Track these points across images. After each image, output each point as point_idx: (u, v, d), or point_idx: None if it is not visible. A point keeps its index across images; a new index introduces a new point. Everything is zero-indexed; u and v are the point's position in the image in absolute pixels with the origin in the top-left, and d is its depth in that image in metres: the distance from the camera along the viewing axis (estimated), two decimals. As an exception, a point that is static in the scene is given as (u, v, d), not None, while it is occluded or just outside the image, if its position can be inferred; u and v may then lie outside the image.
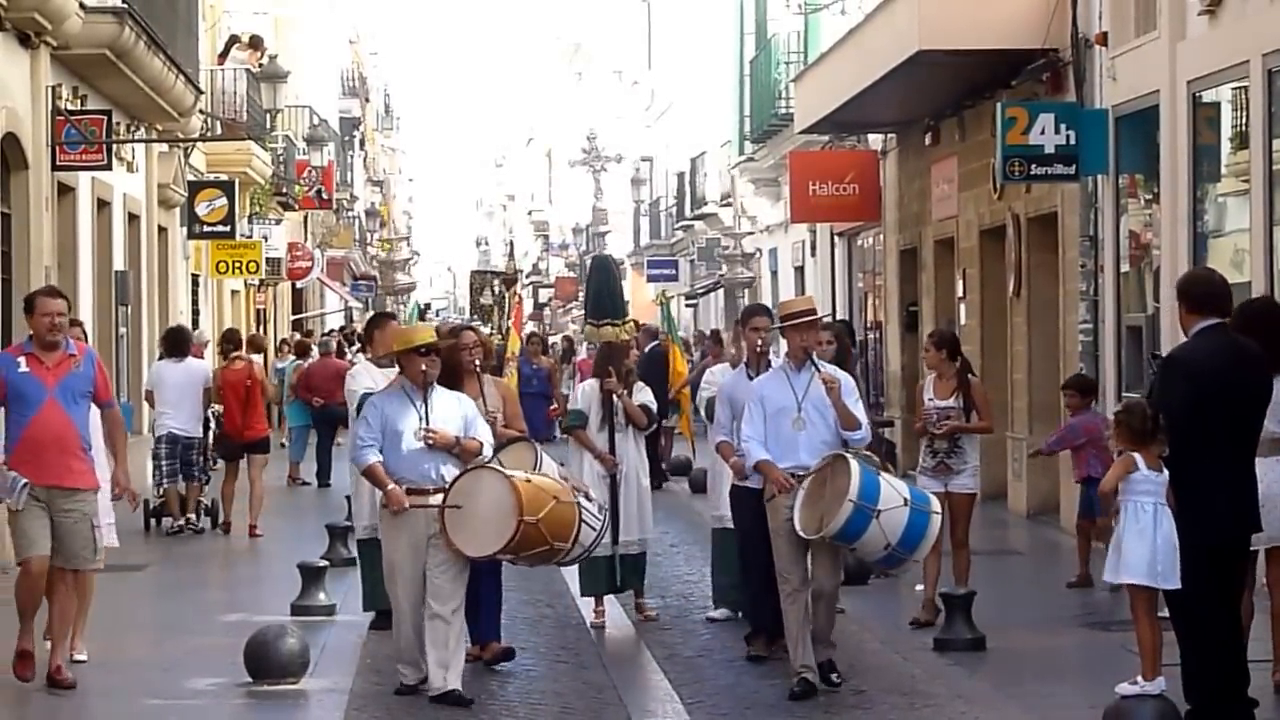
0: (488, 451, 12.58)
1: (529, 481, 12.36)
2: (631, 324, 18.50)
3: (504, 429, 13.95)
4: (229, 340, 26.98)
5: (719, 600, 16.36)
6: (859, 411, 12.60)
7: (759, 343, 14.30)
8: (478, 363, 14.21)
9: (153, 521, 23.65)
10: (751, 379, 13.80)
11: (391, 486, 12.24)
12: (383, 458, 12.35)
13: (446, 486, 12.26)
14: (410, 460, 12.33)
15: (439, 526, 12.15)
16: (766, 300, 42.20)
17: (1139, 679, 11.84)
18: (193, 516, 23.72)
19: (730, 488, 14.45)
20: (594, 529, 13.18)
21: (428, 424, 12.41)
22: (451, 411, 12.55)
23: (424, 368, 12.35)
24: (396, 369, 13.17)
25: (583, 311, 18.06)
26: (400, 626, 12.59)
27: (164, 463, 23.56)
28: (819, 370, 12.58)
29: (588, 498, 13.33)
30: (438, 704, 12.12)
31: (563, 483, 12.95)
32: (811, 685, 12.30)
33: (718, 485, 16.04)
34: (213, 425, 25.59)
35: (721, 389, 14.73)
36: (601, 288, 18.01)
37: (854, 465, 11.67)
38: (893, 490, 11.82)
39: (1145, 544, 10.95)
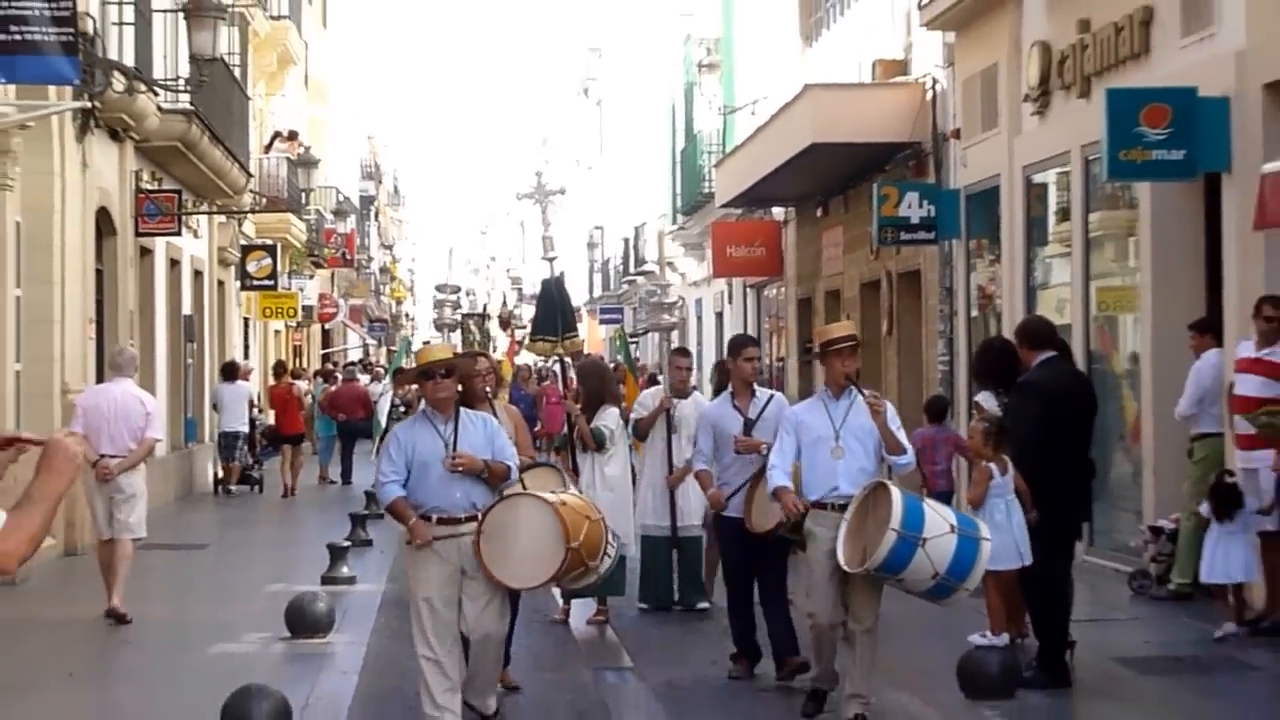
0: (514, 474, 9.80)
1: (565, 504, 9.64)
2: (572, 341, 15.71)
3: (519, 456, 11.47)
4: (279, 368, 31.97)
5: (643, 596, 14.61)
6: (903, 436, 10.02)
7: (750, 371, 11.69)
8: (489, 389, 11.71)
9: (219, 488, 27.80)
10: (738, 409, 11.46)
11: (415, 521, 9.44)
12: (406, 491, 9.50)
13: (479, 514, 9.43)
14: (441, 488, 9.42)
15: (477, 558, 9.33)
16: (690, 339, 41.72)
17: (987, 633, 11.60)
18: (236, 485, 27.94)
19: (715, 518, 12.28)
20: (611, 555, 10.52)
21: (455, 449, 9.50)
22: (477, 435, 9.63)
23: (443, 391, 9.54)
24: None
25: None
26: (424, 665, 9.41)
27: (222, 449, 28.08)
28: (863, 394, 9.98)
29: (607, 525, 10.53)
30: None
31: (587, 501, 10.30)
32: (823, 695, 9.89)
33: (648, 496, 14.62)
34: (257, 426, 29.50)
35: (704, 417, 12.12)
36: (547, 308, 15.45)
37: (895, 493, 9.24)
38: (938, 517, 9.32)
39: (1006, 535, 10.64)
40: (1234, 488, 12.77)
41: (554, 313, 15.22)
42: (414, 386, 12.56)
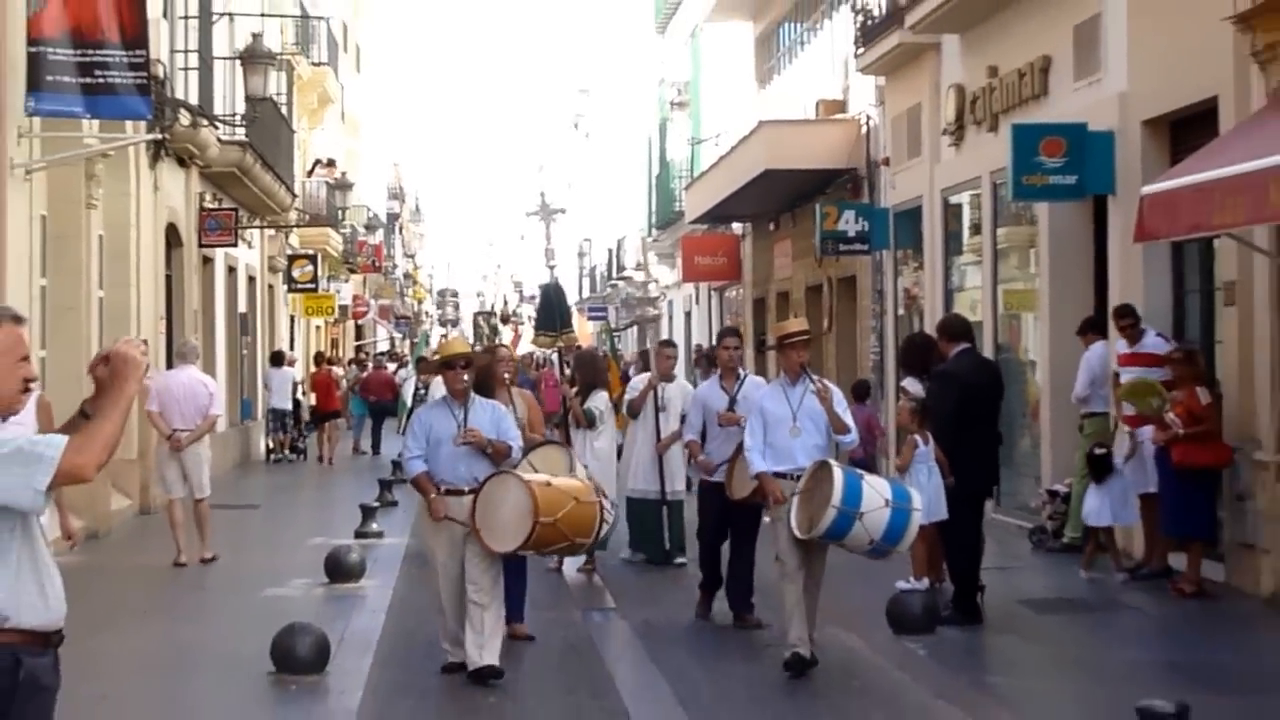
0: (516, 454, 9.57)
1: (549, 485, 9.26)
2: (569, 335, 15.76)
3: (531, 434, 10.94)
4: (318, 358, 32.35)
5: (632, 546, 14.64)
6: (848, 418, 9.88)
7: (729, 357, 11.63)
8: (507, 376, 11.42)
9: (270, 457, 28.31)
10: (725, 390, 11.37)
11: (433, 496, 9.34)
12: (428, 466, 9.42)
13: (478, 488, 9.25)
14: (449, 464, 9.32)
15: (471, 523, 9.15)
16: (664, 332, 41.69)
17: (911, 579, 11.68)
18: (287, 452, 28.32)
19: (699, 483, 12.14)
20: (608, 523, 10.33)
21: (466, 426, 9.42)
22: (485, 418, 9.47)
23: (464, 378, 9.46)
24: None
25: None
26: (444, 614, 9.53)
27: (271, 424, 28.53)
28: (814, 382, 9.81)
29: (604, 494, 10.21)
30: (477, 678, 9.18)
31: (587, 484, 9.77)
32: (803, 659, 9.42)
33: (630, 462, 14.57)
34: (303, 404, 29.85)
35: (695, 397, 12.01)
36: (547, 307, 15.67)
37: (837, 473, 9.13)
38: (875, 492, 9.13)
39: (928, 494, 10.70)
40: (1105, 457, 12.94)
41: (552, 313, 15.36)
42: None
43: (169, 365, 18.16)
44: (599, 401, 14.37)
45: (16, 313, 4.50)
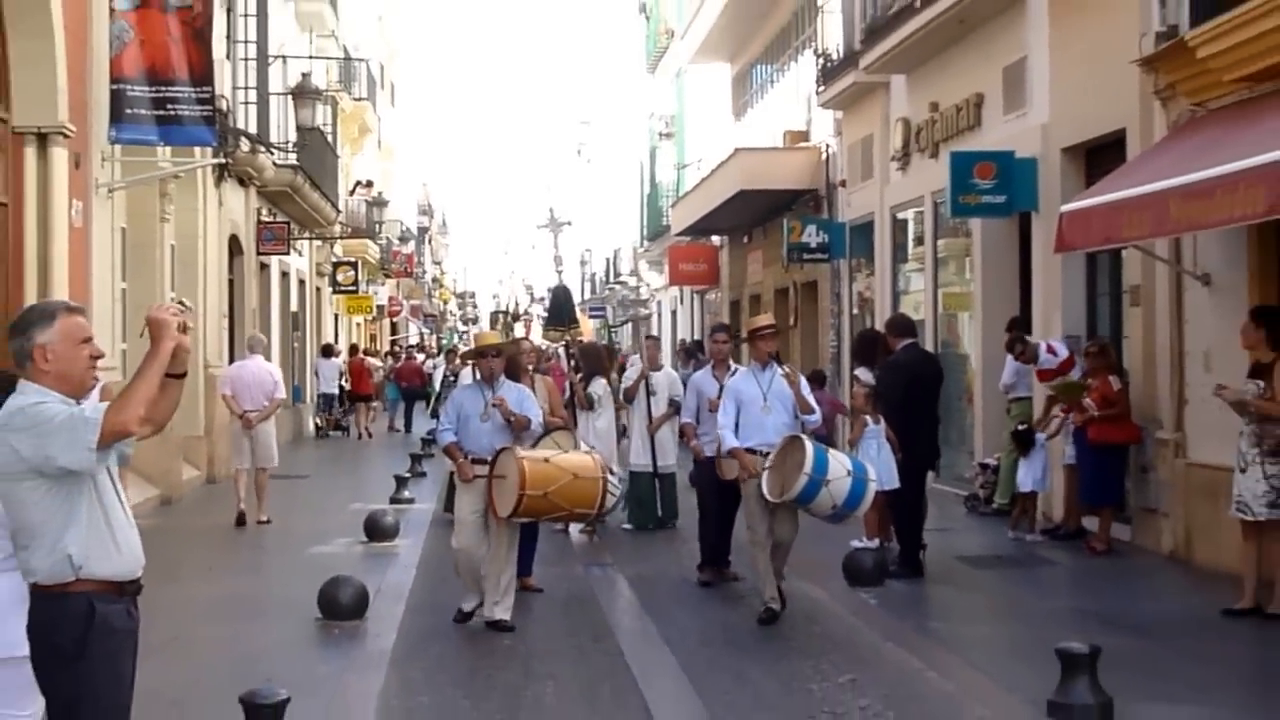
0: (536, 427, 9.45)
1: (548, 462, 9.05)
2: (575, 330, 15.92)
3: (549, 417, 10.76)
4: (353, 349, 32.91)
5: (630, 519, 14.25)
6: (812, 400, 9.74)
7: (720, 350, 11.24)
8: (530, 366, 11.52)
9: (319, 433, 28.66)
10: (716, 378, 10.89)
11: (461, 461, 9.25)
12: (458, 438, 9.33)
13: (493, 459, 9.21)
14: (476, 437, 9.25)
15: (488, 489, 9.12)
16: (654, 329, 41.60)
17: (864, 539, 11.61)
18: (333, 430, 28.79)
19: (694, 461, 11.58)
20: (614, 495, 9.96)
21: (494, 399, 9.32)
22: (511, 398, 9.36)
23: (492, 366, 9.43)
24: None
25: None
26: (461, 568, 9.38)
27: (320, 406, 28.91)
28: (781, 367, 9.71)
29: (612, 472, 9.83)
30: (495, 626, 9.11)
31: (594, 462, 9.42)
32: (775, 613, 9.29)
33: (635, 443, 14.40)
34: (344, 388, 29.86)
35: (691, 384, 11.47)
36: (557, 306, 16.16)
37: (809, 445, 9.01)
38: (838, 464, 9.05)
39: (876, 467, 10.61)
40: (1029, 433, 12.94)
41: (561, 311, 15.77)
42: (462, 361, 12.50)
43: (232, 354, 18.10)
44: (598, 387, 14.32)
45: (69, 304, 4.47)
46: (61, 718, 4.23)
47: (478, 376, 9.70)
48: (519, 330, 30.27)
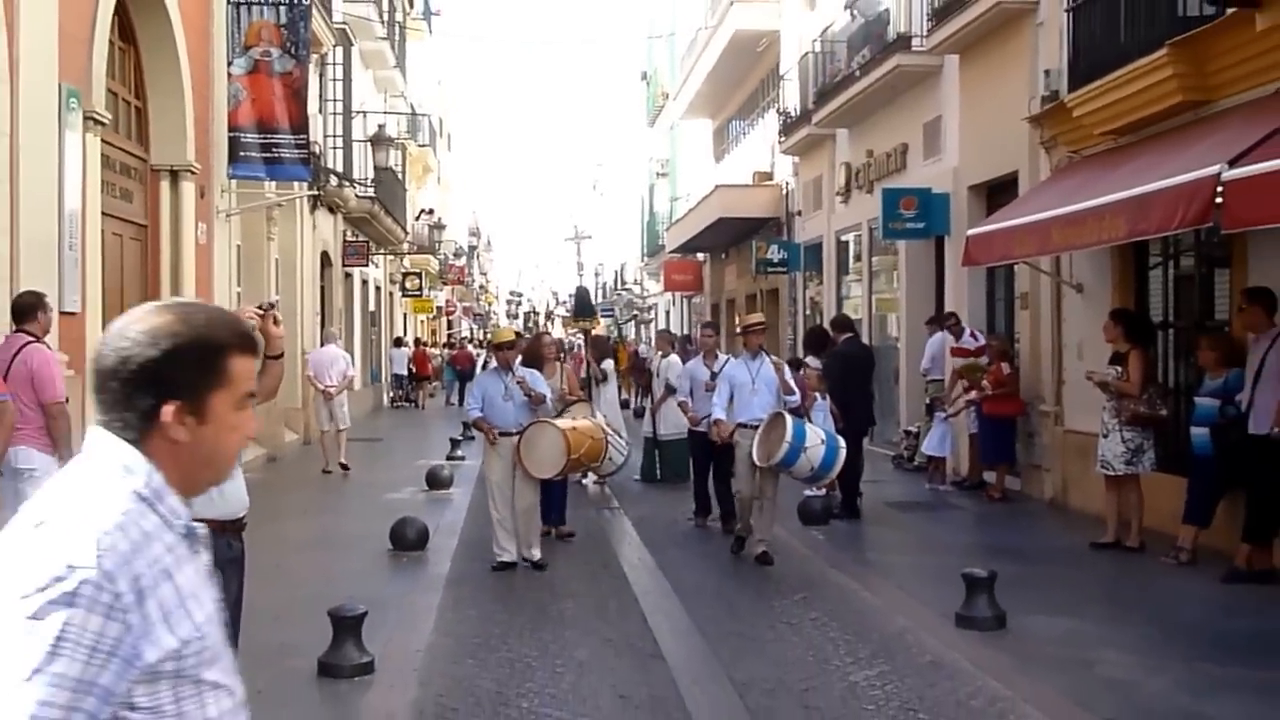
0: (548, 402, 9.20)
1: (574, 429, 9.14)
2: (596, 323, 16.84)
3: (569, 395, 10.86)
4: (417, 342, 32.67)
5: (642, 477, 13.93)
6: (793, 383, 9.47)
7: (707, 343, 10.75)
8: (552, 356, 11.00)
9: (392, 405, 28.73)
10: (708, 367, 10.36)
11: (487, 428, 8.93)
12: (484, 414, 8.94)
13: (522, 431, 8.89)
14: (501, 414, 8.91)
15: (517, 457, 8.84)
16: (651, 327, 41.49)
17: (814, 489, 11.48)
18: (403, 403, 28.88)
19: (688, 430, 11.19)
20: (621, 452, 9.97)
21: (510, 389, 9.02)
22: (525, 378, 9.08)
23: (508, 357, 9.21)
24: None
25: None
26: (496, 523, 9.03)
27: (393, 384, 28.90)
28: (769, 357, 9.43)
29: (618, 435, 9.97)
30: (534, 566, 8.85)
31: (599, 427, 9.65)
32: (768, 554, 8.99)
33: (645, 415, 14.40)
34: (411, 370, 29.83)
35: (685, 370, 11.07)
36: (580, 302, 16.65)
37: (789, 420, 8.84)
38: (815, 435, 8.86)
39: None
40: (930, 407, 12.88)
41: (583, 306, 16.42)
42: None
43: (322, 343, 18.11)
44: (606, 366, 14.27)
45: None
46: None
47: (493, 364, 9.48)
48: (544, 324, 30.44)
